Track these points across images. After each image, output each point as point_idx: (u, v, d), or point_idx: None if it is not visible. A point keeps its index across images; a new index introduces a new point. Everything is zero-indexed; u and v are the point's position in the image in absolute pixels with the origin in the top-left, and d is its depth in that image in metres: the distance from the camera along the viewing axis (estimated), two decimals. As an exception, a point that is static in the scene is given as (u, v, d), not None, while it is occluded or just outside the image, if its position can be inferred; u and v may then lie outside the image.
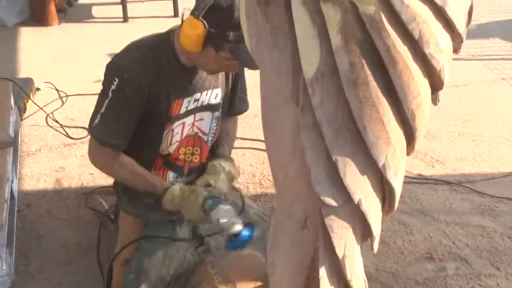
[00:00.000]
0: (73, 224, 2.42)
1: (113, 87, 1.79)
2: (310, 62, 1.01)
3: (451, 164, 2.81)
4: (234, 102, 2.07)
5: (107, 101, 1.80)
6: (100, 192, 2.56)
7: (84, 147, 2.91)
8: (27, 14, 4.53)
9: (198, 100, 1.92)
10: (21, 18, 4.51)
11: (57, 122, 3.14)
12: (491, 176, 2.71)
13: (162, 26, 2.01)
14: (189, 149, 1.99)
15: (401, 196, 2.54)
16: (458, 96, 3.42)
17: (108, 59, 1.90)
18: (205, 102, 1.94)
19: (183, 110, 1.90)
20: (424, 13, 0.98)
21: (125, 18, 4.56)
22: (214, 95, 1.95)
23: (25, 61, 3.89)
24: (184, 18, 1.72)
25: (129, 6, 4.66)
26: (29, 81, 3.40)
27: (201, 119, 1.97)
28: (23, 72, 3.71)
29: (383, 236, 2.33)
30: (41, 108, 3.21)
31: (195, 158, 2.01)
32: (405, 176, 2.62)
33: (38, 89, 3.47)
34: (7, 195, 2.24)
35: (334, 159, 1.09)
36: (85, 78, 3.59)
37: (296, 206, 1.24)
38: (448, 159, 2.84)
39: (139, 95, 1.81)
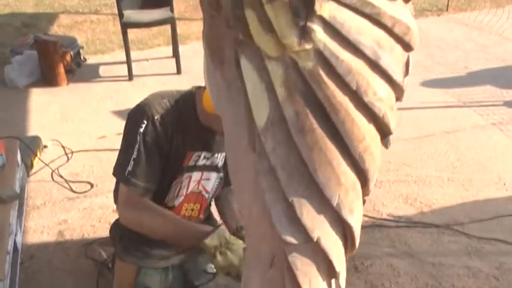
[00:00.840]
0: (73, 274, 2.51)
1: (141, 129, 1.81)
2: (261, 113, 1.13)
3: (440, 208, 2.88)
4: None
5: (137, 146, 1.81)
6: (100, 243, 2.66)
7: (86, 201, 3.06)
8: (37, 75, 4.75)
9: (208, 159, 1.96)
10: (32, 79, 4.73)
11: (61, 177, 3.28)
12: (479, 218, 2.78)
13: (165, 83, 2.10)
14: (190, 205, 2.04)
15: (390, 240, 2.63)
16: (449, 142, 3.52)
17: (112, 116, 2.00)
18: (215, 163, 1.99)
19: (192, 163, 1.95)
20: (359, 66, 1.11)
21: (130, 77, 4.76)
22: (222, 158, 2.01)
23: (34, 120, 4.07)
24: None
25: (134, 64, 4.88)
26: (36, 139, 3.57)
27: (208, 179, 2.01)
28: (32, 131, 3.88)
29: (371, 279, 2.41)
30: (47, 165, 3.36)
31: (194, 213, 2.07)
32: (395, 221, 2.76)
33: (45, 146, 3.63)
34: (10, 248, 2.36)
35: (290, 200, 1.20)
36: (90, 134, 3.77)
37: (263, 245, 1.34)
38: (436, 203, 2.92)
39: (166, 138, 1.84)
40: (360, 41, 1.08)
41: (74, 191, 3.15)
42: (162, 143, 1.84)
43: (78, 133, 3.82)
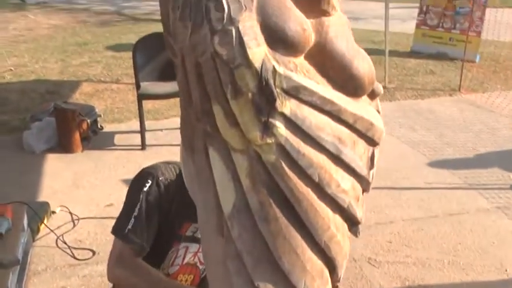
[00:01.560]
0: None
1: (145, 188, 1.85)
2: (227, 200, 1.19)
3: (438, 292, 2.86)
4: None
5: (139, 204, 1.84)
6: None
7: (87, 268, 3.10)
8: (54, 141, 4.90)
9: None
10: (49, 145, 4.88)
11: (65, 243, 3.34)
12: (477, 303, 2.75)
13: (177, 154, 2.14)
14: (185, 276, 2.05)
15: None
16: (452, 225, 3.51)
17: (122, 184, 2.06)
18: None
19: (189, 233, 1.97)
20: (321, 160, 1.17)
21: (143, 146, 4.89)
22: None
23: (46, 185, 4.17)
24: None
25: (149, 134, 5.02)
26: (45, 205, 3.67)
27: None
28: (43, 196, 3.98)
29: None
30: (52, 231, 3.43)
31: (188, 284, 2.06)
32: (393, 303, 2.72)
33: (53, 212, 3.72)
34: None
35: (256, 284, 1.24)
36: (98, 202, 3.85)
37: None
38: (435, 287, 2.89)
39: (168, 201, 1.88)
40: (321, 137, 1.14)
41: (76, 258, 3.20)
42: (163, 204, 1.88)
43: (87, 200, 3.91)
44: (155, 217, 1.88)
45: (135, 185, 1.92)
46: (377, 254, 3.21)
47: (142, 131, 4.88)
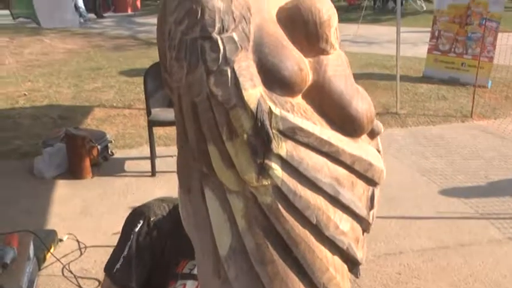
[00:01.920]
0: None
1: (136, 229, 1.84)
2: (223, 242, 1.17)
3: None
4: None
5: (129, 243, 1.83)
6: None
7: (92, 298, 3.08)
8: (64, 167, 4.92)
9: None
10: (59, 171, 4.89)
11: (71, 272, 3.32)
12: None
13: None
14: None
15: None
16: (463, 256, 3.45)
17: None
18: None
19: (186, 271, 1.93)
20: (319, 202, 1.15)
21: (153, 173, 4.89)
22: None
23: (54, 212, 4.17)
24: None
25: (159, 160, 5.02)
26: (52, 233, 3.66)
27: None
28: (50, 223, 3.98)
29: None
30: (58, 260, 3.41)
31: None
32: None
33: (60, 240, 3.71)
34: None
35: (254, 326, 1.21)
36: (106, 230, 3.83)
37: None
38: (445, 321, 2.84)
39: (160, 241, 1.86)
40: (318, 178, 1.12)
41: (81, 287, 3.18)
42: (155, 245, 1.86)
43: (94, 228, 3.90)
44: (146, 257, 1.86)
45: (127, 224, 1.90)
46: (386, 285, 3.15)
47: (152, 157, 4.89)
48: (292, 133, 1.08)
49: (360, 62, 9.00)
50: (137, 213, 1.89)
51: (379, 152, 1.26)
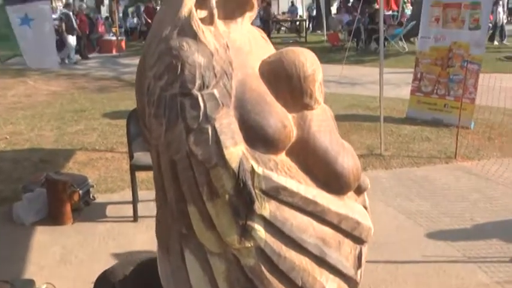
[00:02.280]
0: None
1: None
2: (205, 305, 1.11)
3: None
4: None
5: None
6: None
7: None
8: (44, 213, 4.81)
9: None
10: (39, 217, 4.79)
11: (48, 325, 3.21)
12: None
13: None
14: None
15: None
16: (451, 302, 3.39)
17: (111, 259, 2.03)
18: None
19: None
20: (304, 263, 1.10)
21: (135, 218, 4.80)
22: None
23: (33, 261, 4.06)
24: None
25: (141, 205, 4.93)
26: (30, 282, 3.56)
27: None
28: (29, 272, 3.86)
29: None
30: (35, 311, 3.30)
31: None
32: None
33: (38, 290, 3.60)
34: None
35: None
36: (85, 278, 3.70)
37: None
38: None
39: None
40: (303, 239, 1.08)
41: None
42: None
43: (73, 277, 3.79)
44: None
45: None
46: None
47: (134, 202, 4.81)
48: (275, 193, 1.04)
49: (343, 103, 9.05)
50: (103, 282, 1.97)
51: (365, 208, 1.22)
